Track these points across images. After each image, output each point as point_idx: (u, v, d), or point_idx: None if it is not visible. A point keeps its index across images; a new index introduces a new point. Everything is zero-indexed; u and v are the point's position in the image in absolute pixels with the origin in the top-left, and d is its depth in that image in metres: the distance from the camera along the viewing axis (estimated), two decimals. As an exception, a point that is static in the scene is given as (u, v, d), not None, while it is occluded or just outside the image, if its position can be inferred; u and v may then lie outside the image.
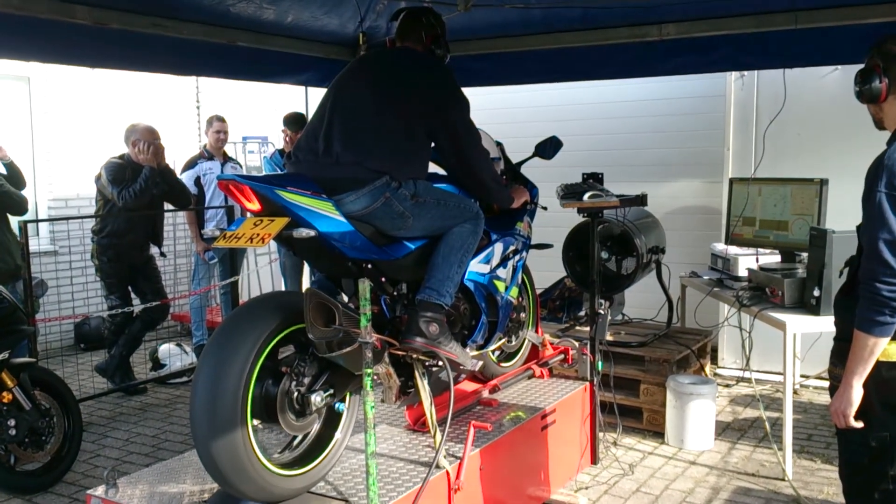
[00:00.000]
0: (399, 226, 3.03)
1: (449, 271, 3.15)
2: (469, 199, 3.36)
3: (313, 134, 3.09)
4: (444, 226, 3.17)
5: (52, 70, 7.53)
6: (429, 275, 3.14)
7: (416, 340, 3.01)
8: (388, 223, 3.00)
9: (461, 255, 3.19)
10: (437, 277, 3.12)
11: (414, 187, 3.04)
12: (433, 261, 3.15)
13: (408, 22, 3.40)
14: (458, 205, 3.23)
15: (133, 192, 5.59)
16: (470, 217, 3.24)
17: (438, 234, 3.19)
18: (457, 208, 3.21)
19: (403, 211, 2.99)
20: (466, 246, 3.21)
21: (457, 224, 3.19)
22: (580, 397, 4.26)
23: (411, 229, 3.07)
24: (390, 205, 2.94)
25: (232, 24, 4.56)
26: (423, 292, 3.11)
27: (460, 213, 3.22)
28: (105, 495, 2.92)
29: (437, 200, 3.15)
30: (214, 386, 2.57)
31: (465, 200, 3.30)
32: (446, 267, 3.15)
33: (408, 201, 3.00)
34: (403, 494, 2.91)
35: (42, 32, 3.92)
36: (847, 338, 2.42)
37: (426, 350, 3.05)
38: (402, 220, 3.01)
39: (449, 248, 3.16)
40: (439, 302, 3.10)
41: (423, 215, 3.07)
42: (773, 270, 4.63)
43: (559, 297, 5.83)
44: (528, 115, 6.94)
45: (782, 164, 5.53)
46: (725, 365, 6.16)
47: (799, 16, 4.32)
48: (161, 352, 6.57)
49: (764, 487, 4.14)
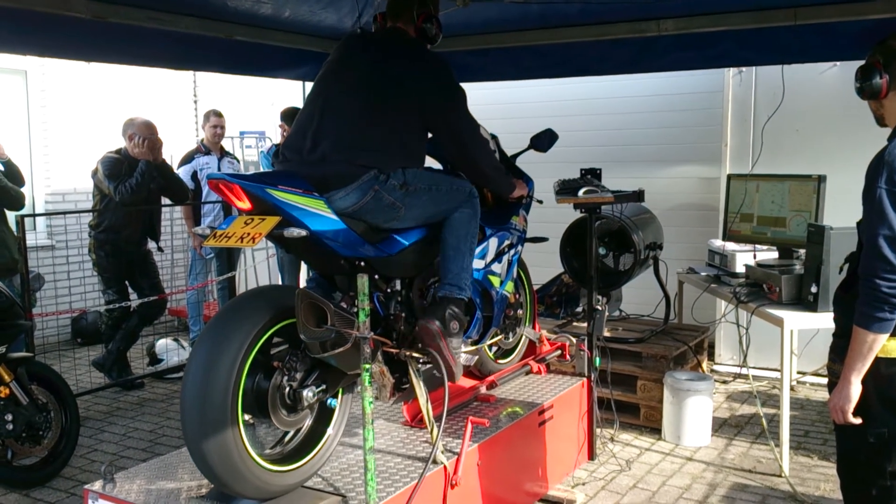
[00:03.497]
0: (391, 217, 2.99)
1: (463, 262, 3.16)
2: (460, 178, 3.31)
3: (301, 131, 3.06)
4: (439, 211, 3.14)
5: (49, 64, 7.50)
6: (445, 270, 3.15)
7: (435, 324, 3.01)
8: (379, 216, 2.97)
9: (469, 243, 3.20)
10: (454, 271, 3.14)
11: (403, 176, 3.00)
12: (444, 254, 3.15)
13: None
14: (451, 187, 3.19)
15: (130, 187, 5.58)
16: (464, 199, 3.21)
17: (432, 226, 3.16)
18: (449, 191, 3.18)
19: (394, 202, 2.95)
20: (471, 231, 3.21)
21: (452, 208, 3.17)
22: (577, 393, 4.27)
23: (404, 219, 3.03)
24: (380, 197, 2.91)
25: (229, 18, 4.55)
26: (444, 288, 3.14)
27: (452, 195, 3.18)
28: (102, 490, 2.91)
29: (429, 186, 3.10)
30: (205, 379, 2.56)
31: (456, 181, 3.26)
32: (459, 258, 3.15)
33: (397, 191, 2.96)
34: (401, 490, 2.90)
35: (39, 26, 3.90)
36: (846, 334, 2.42)
37: (436, 342, 3.02)
38: (394, 210, 2.97)
39: (456, 238, 3.15)
40: (461, 297, 3.14)
41: (415, 204, 3.03)
42: (771, 267, 4.63)
43: (556, 293, 5.83)
44: (526, 110, 6.92)
45: (780, 160, 5.53)
46: (722, 361, 6.17)
47: (798, 12, 4.32)
48: (158, 346, 6.56)
49: (761, 483, 4.15)
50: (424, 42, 3.30)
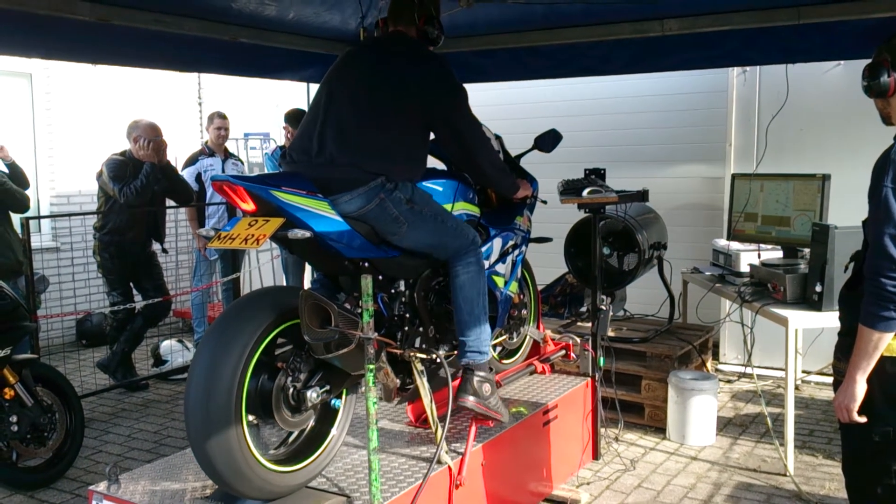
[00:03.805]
0: (393, 231, 2.97)
1: (480, 325, 3.20)
2: (466, 224, 3.27)
3: (307, 133, 3.06)
4: (439, 245, 3.12)
5: (54, 66, 7.54)
6: (462, 335, 3.19)
7: (469, 399, 3.18)
8: (382, 226, 2.95)
9: (482, 303, 3.21)
10: (472, 337, 3.18)
11: (411, 192, 3.01)
12: (459, 319, 3.18)
13: (399, 2, 3.32)
14: (456, 226, 3.16)
15: (134, 189, 5.59)
16: (466, 245, 3.17)
17: (430, 245, 3.13)
18: (454, 230, 3.15)
19: (398, 215, 2.94)
20: (481, 290, 3.21)
21: (453, 250, 3.14)
22: (582, 393, 4.26)
23: (404, 238, 3.01)
24: (385, 207, 2.91)
25: (234, 20, 4.55)
26: (465, 356, 3.20)
27: (456, 235, 3.14)
28: (107, 491, 2.92)
29: (435, 215, 3.09)
30: (209, 380, 2.56)
31: (462, 224, 3.22)
32: (474, 321, 3.18)
33: (403, 205, 2.96)
34: (405, 490, 2.91)
35: (44, 29, 3.92)
36: (851, 333, 2.42)
37: (478, 411, 3.22)
38: (397, 225, 2.96)
39: (469, 303, 3.17)
40: (484, 361, 3.20)
41: (417, 225, 3.01)
42: (775, 266, 4.63)
43: (561, 292, 5.83)
44: (530, 111, 6.93)
45: (784, 159, 5.53)
46: (727, 361, 6.16)
47: (802, 11, 4.31)
48: (163, 348, 6.58)
49: (765, 483, 4.14)
50: (426, 44, 3.31)
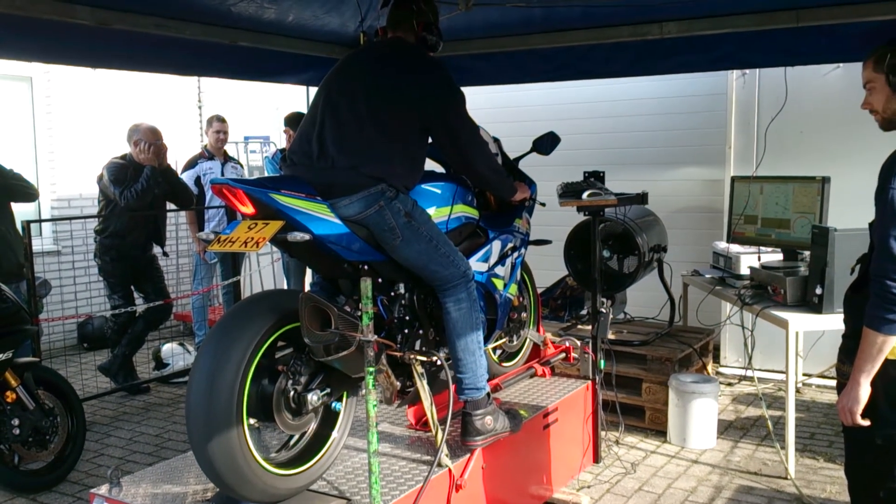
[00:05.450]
0: (388, 241, 2.96)
1: (474, 358, 3.20)
2: (461, 256, 3.23)
3: (306, 137, 3.06)
4: (426, 268, 3.08)
5: (54, 70, 7.55)
6: (459, 372, 3.20)
7: (477, 441, 3.21)
8: (378, 233, 2.95)
9: (477, 338, 3.21)
10: (468, 374, 3.20)
11: (411, 206, 3.01)
12: (455, 357, 3.19)
13: (398, 9, 3.32)
14: (449, 252, 3.13)
15: (135, 192, 5.59)
16: (458, 277, 3.12)
17: (418, 267, 3.10)
18: (445, 258, 3.10)
19: (394, 226, 2.94)
20: (475, 324, 3.20)
21: (443, 278, 3.10)
22: (582, 396, 4.26)
23: (395, 251, 2.99)
24: (383, 215, 2.91)
25: (233, 24, 4.56)
26: (464, 393, 3.22)
27: (448, 263, 3.10)
28: (109, 494, 2.92)
29: (430, 237, 3.06)
30: (210, 383, 2.56)
31: (457, 255, 3.18)
32: (469, 356, 3.18)
33: (401, 218, 2.95)
34: (406, 493, 2.90)
35: (44, 33, 3.92)
36: (855, 335, 2.41)
37: (489, 443, 3.26)
38: (392, 237, 2.95)
39: (464, 340, 3.16)
40: (482, 396, 3.22)
41: (411, 242, 2.99)
42: (775, 269, 4.63)
43: (561, 295, 5.83)
44: (528, 113, 6.93)
45: (784, 162, 5.53)
46: (728, 363, 6.16)
47: (800, 13, 4.31)
48: (164, 351, 6.58)
49: (766, 486, 4.14)
50: (425, 50, 3.33)
